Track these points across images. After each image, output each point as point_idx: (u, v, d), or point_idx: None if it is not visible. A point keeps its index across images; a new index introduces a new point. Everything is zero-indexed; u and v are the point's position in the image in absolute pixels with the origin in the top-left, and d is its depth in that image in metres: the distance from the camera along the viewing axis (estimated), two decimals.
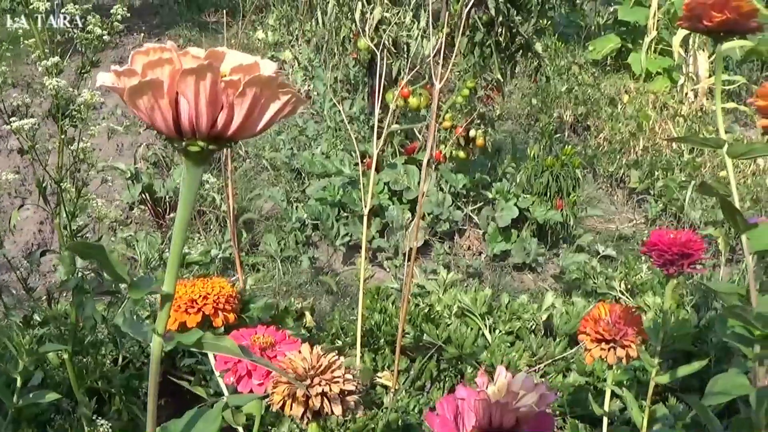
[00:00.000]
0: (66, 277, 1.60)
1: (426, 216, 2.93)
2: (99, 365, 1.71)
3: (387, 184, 2.97)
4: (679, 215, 3.33)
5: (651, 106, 4.33)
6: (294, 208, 3.04)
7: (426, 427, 1.68)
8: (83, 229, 1.71)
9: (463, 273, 2.80)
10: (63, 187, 1.55)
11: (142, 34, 5.66)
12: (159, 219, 2.99)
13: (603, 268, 2.60)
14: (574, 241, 3.06)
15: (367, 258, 2.82)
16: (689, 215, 3.27)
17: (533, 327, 2.15)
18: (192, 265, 2.19)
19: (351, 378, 0.91)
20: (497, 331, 2.09)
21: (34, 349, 1.49)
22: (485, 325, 2.09)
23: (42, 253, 1.79)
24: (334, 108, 3.45)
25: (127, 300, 1.72)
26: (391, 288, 2.28)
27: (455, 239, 3.04)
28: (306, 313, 2.07)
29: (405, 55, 2.96)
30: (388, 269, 2.80)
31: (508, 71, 2.99)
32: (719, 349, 1.96)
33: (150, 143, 3.59)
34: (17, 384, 1.43)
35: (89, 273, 1.73)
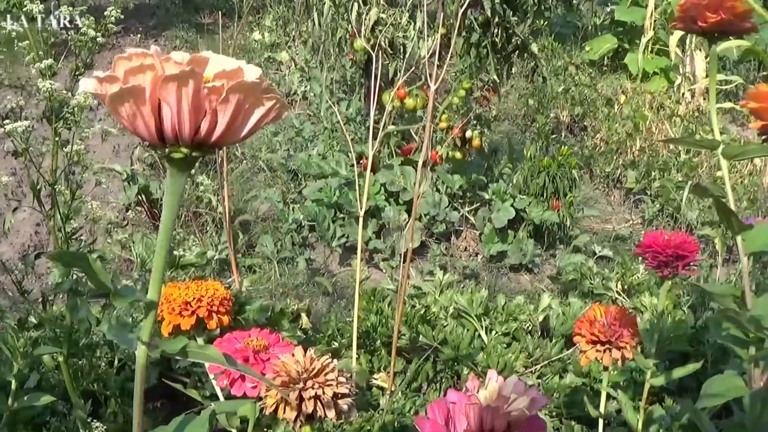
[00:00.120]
0: (61, 280, 1.59)
1: (422, 217, 2.93)
2: (94, 368, 1.70)
3: (383, 185, 2.96)
4: (676, 215, 3.33)
5: (648, 106, 4.33)
6: (290, 209, 3.04)
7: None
8: (78, 232, 1.70)
9: (460, 274, 2.79)
10: (57, 190, 1.54)
11: (138, 35, 5.65)
12: (155, 220, 2.99)
13: (600, 268, 2.59)
14: (570, 242, 3.06)
15: (364, 259, 2.82)
16: (686, 215, 3.27)
17: (530, 328, 2.15)
18: (188, 267, 2.18)
19: (344, 381, 0.91)
20: (493, 333, 2.08)
21: (28, 352, 1.49)
22: (481, 327, 2.08)
23: (37, 256, 1.79)
24: (330, 109, 3.45)
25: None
26: (388, 289, 2.27)
27: (452, 240, 3.04)
28: (302, 315, 2.06)
29: (401, 56, 2.96)
30: (384, 270, 2.80)
31: (504, 72, 2.99)
32: (716, 350, 1.96)
33: (146, 145, 3.58)
34: (12, 387, 1.43)
35: (82, 276, 1.73)
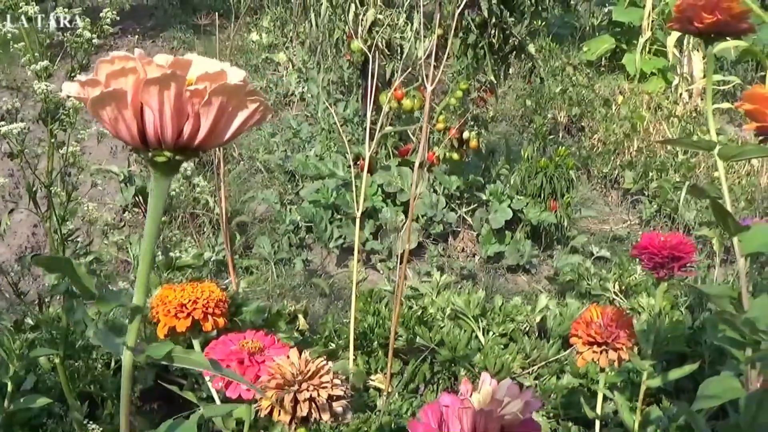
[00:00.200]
0: (57, 282, 1.59)
1: (420, 218, 2.93)
2: (90, 369, 1.70)
3: (381, 186, 2.96)
4: (674, 216, 3.33)
5: (645, 106, 4.33)
6: (288, 210, 3.04)
7: None
8: (74, 233, 1.70)
9: (457, 275, 2.79)
10: (53, 191, 1.54)
11: (136, 36, 5.65)
12: None
13: (597, 269, 2.59)
14: (568, 243, 3.06)
15: (361, 260, 2.82)
16: (684, 216, 3.27)
17: (527, 329, 2.15)
18: (185, 269, 2.18)
19: (339, 383, 0.90)
20: (491, 334, 2.08)
21: (25, 354, 1.49)
22: (479, 328, 2.08)
23: (33, 257, 1.79)
24: (328, 110, 3.45)
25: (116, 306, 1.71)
26: (385, 290, 2.27)
27: (449, 241, 3.04)
28: (299, 316, 2.06)
29: (398, 57, 2.96)
30: (381, 271, 2.79)
31: (501, 73, 2.99)
32: (713, 351, 1.96)
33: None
34: (8, 389, 1.43)
35: None
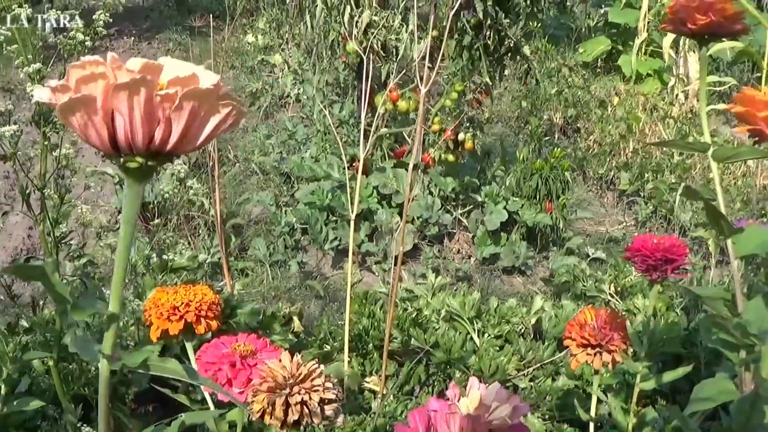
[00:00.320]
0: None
1: (415, 220, 2.93)
2: (84, 372, 1.70)
3: (376, 188, 2.96)
4: (670, 217, 3.33)
5: (641, 108, 4.33)
6: (283, 212, 3.03)
7: None
8: (68, 236, 1.70)
9: (453, 277, 2.79)
10: (46, 194, 1.54)
11: (132, 38, 5.65)
12: (147, 224, 2.98)
13: (593, 270, 2.59)
14: (563, 244, 3.06)
15: (356, 262, 2.82)
16: (679, 217, 3.27)
17: (522, 331, 2.14)
18: (179, 271, 2.18)
19: (331, 386, 0.90)
20: (486, 335, 2.08)
21: (18, 357, 1.48)
22: (474, 329, 2.08)
23: (26, 260, 1.79)
24: (323, 111, 3.45)
25: None
26: (380, 292, 2.27)
27: (444, 243, 3.03)
28: (294, 318, 2.05)
29: (394, 59, 2.95)
30: (377, 273, 2.79)
31: (497, 74, 2.98)
32: (709, 352, 1.95)
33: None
34: (2, 391, 1.42)
35: (74, 280, 1.72)
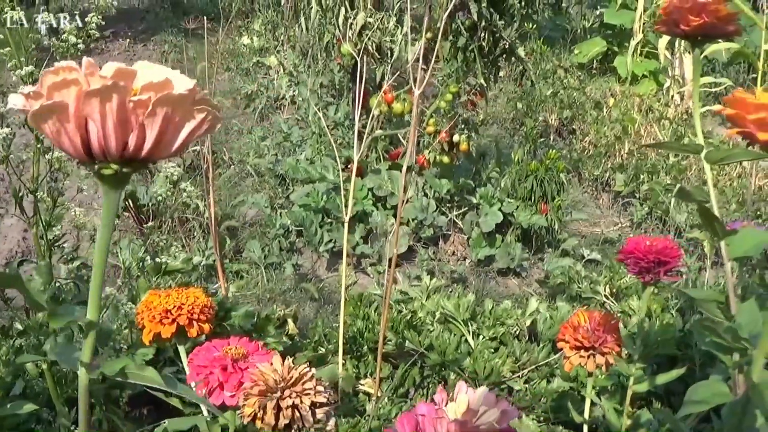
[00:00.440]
0: (43, 288, 1.58)
1: (410, 221, 2.92)
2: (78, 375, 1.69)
3: (371, 189, 2.96)
4: (665, 218, 3.33)
5: (637, 109, 4.33)
6: (278, 214, 3.03)
7: None
8: (61, 239, 1.69)
9: (448, 278, 2.79)
10: (38, 197, 1.53)
11: (127, 40, 5.65)
12: (142, 226, 2.98)
13: (588, 272, 2.59)
14: (559, 246, 3.06)
15: (351, 264, 2.82)
16: (675, 218, 3.27)
17: (517, 332, 2.14)
18: (174, 273, 2.17)
19: (322, 390, 0.90)
20: (481, 337, 2.07)
21: (11, 360, 1.48)
22: (468, 331, 2.07)
23: (20, 263, 1.78)
24: (318, 114, 3.44)
25: (105, 311, 1.71)
26: (375, 294, 2.26)
27: (439, 245, 3.03)
28: (289, 321, 2.05)
29: (388, 61, 2.95)
30: (371, 275, 2.79)
31: (491, 76, 2.98)
32: (704, 354, 1.95)
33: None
34: None
35: (67, 283, 1.72)
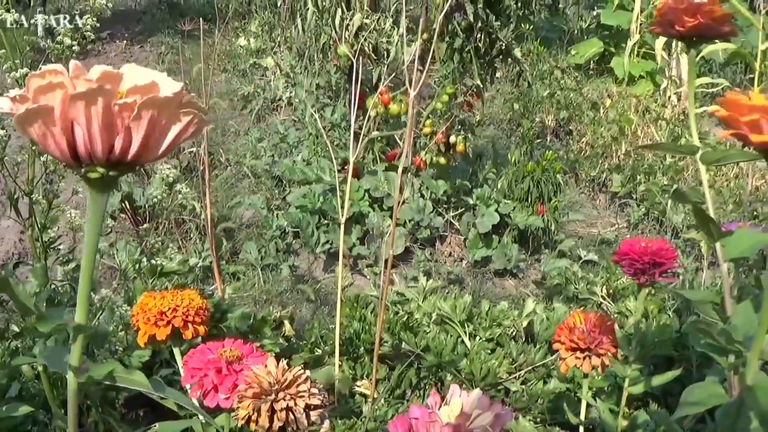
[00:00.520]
0: (38, 290, 1.58)
1: (407, 223, 2.92)
2: None
3: (367, 191, 2.95)
4: (662, 219, 3.32)
5: (633, 110, 4.33)
6: (275, 215, 3.02)
7: None
8: (57, 241, 1.69)
9: (444, 279, 2.78)
10: (34, 199, 1.53)
11: (124, 41, 5.64)
12: (138, 227, 2.97)
13: (585, 273, 2.58)
14: (555, 247, 3.05)
15: (348, 265, 2.81)
16: (672, 219, 3.26)
17: (514, 333, 2.14)
18: (170, 275, 2.17)
19: (316, 392, 0.90)
20: (477, 339, 2.07)
21: (7, 362, 1.48)
22: (465, 333, 2.07)
23: (15, 265, 1.78)
24: (314, 115, 3.44)
25: (101, 313, 1.70)
26: (371, 296, 2.26)
27: (436, 246, 3.03)
28: (285, 322, 2.05)
29: (385, 62, 2.95)
30: (368, 277, 2.79)
31: (488, 77, 2.98)
32: (701, 355, 1.95)
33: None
34: None
35: (63, 284, 1.71)
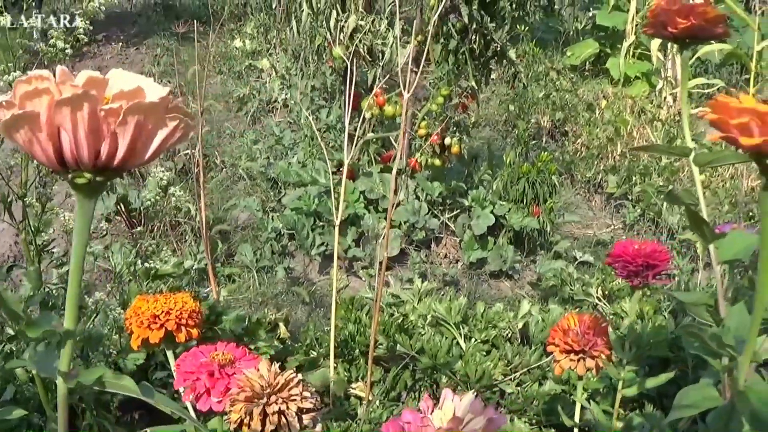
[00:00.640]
0: (32, 293, 1.58)
1: (402, 224, 2.92)
2: None
3: (363, 192, 2.95)
4: (657, 220, 3.33)
5: (629, 111, 4.33)
6: (270, 217, 3.02)
7: None
8: (50, 244, 1.69)
9: (440, 281, 2.78)
10: (27, 202, 1.53)
11: (120, 43, 5.64)
12: (133, 230, 2.97)
13: (580, 274, 2.58)
14: (551, 248, 3.05)
15: (343, 268, 2.81)
16: (667, 220, 3.27)
17: (509, 335, 2.14)
18: (165, 278, 2.17)
19: (309, 396, 0.89)
20: (472, 340, 2.07)
21: (1, 365, 1.47)
22: (460, 334, 2.07)
23: (9, 269, 1.77)
24: (311, 116, 3.44)
25: (95, 316, 1.70)
26: (366, 298, 2.26)
27: (432, 247, 3.03)
28: (280, 324, 2.05)
29: (380, 63, 2.95)
30: (363, 279, 2.78)
31: (483, 78, 2.98)
32: (696, 356, 1.95)
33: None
34: None
35: (57, 288, 1.71)
